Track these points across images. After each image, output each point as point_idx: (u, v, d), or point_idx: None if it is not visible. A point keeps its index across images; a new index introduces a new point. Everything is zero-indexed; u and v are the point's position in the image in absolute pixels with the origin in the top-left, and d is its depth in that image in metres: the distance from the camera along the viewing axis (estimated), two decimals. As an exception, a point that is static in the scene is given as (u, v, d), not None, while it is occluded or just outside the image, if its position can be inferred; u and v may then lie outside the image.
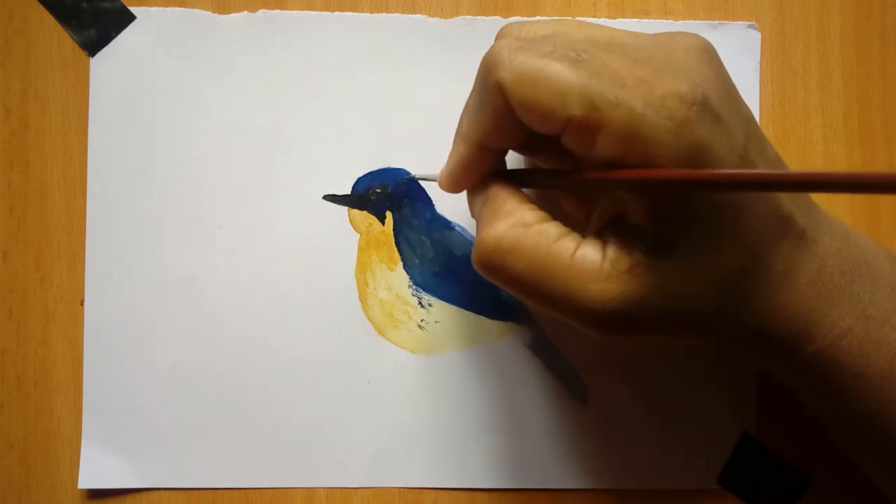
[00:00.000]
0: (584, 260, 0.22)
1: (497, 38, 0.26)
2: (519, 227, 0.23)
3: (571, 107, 0.21)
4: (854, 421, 0.25)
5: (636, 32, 0.24)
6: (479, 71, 0.23)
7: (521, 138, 0.24)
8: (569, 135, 0.22)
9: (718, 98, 0.21)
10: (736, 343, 0.25)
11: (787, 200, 0.23)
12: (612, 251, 0.23)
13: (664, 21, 0.33)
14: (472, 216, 0.26)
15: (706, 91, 0.21)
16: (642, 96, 0.21)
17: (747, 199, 0.22)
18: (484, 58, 0.23)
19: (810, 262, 0.24)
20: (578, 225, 0.25)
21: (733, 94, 0.23)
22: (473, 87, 0.25)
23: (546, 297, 0.23)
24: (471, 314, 0.32)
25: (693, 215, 0.22)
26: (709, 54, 0.23)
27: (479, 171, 0.25)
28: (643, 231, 0.22)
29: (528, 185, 0.25)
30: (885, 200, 0.33)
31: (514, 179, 0.25)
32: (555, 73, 0.21)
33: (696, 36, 0.23)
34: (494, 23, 0.32)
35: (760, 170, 0.20)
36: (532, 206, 0.24)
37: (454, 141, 0.26)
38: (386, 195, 0.32)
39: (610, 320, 0.22)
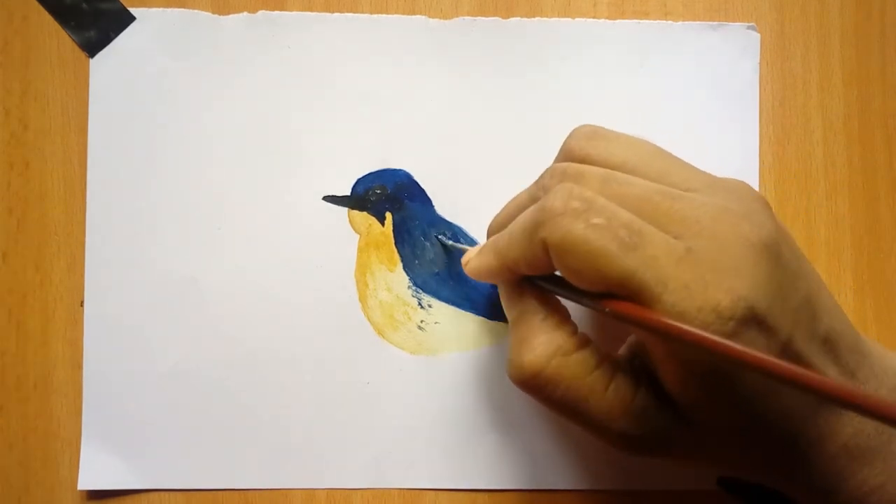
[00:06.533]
0: (616, 395, 0.23)
1: (562, 153, 0.25)
2: (559, 356, 0.24)
3: (611, 287, 0.21)
4: None
5: (708, 183, 0.23)
6: (533, 212, 0.23)
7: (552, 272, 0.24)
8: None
9: (768, 303, 0.21)
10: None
11: (831, 370, 0.23)
12: (642, 396, 0.23)
13: (664, 22, 0.32)
14: (505, 311, 0.26)
15: (752, 301, 0.21)
16: (681, 301, 0.21)
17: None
18: (540, 207, 0.22)
19: (846, 427, 0.23)
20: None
21: (786, 289, 0.22)
22: (518, 203, 0.26)
23: (575, 419, 0.24)
24: (471, 315, 0.32)
25: (725, 401, 0.22)
26: (768, 249, 0.21)
27: (507, 279, 0.26)
28: (675, 396, 0.23)
29: (562, 296, 0.25)
30: (885, 200, 0.33)
31: (551, 285, 0.25)
32: (602, 255, 0.21)
33: (763, 218, 0.22)
34: (494, 23, 0.32)
35: (793, 367, 0.19)
36: (570, 327, 0.24)
37: (486, 244, 0.26)
38: (385, 196, 0.32)
39: (632, 450, 0.24)
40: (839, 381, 0.19)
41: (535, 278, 0.25)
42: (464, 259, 0.27)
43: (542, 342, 0.24)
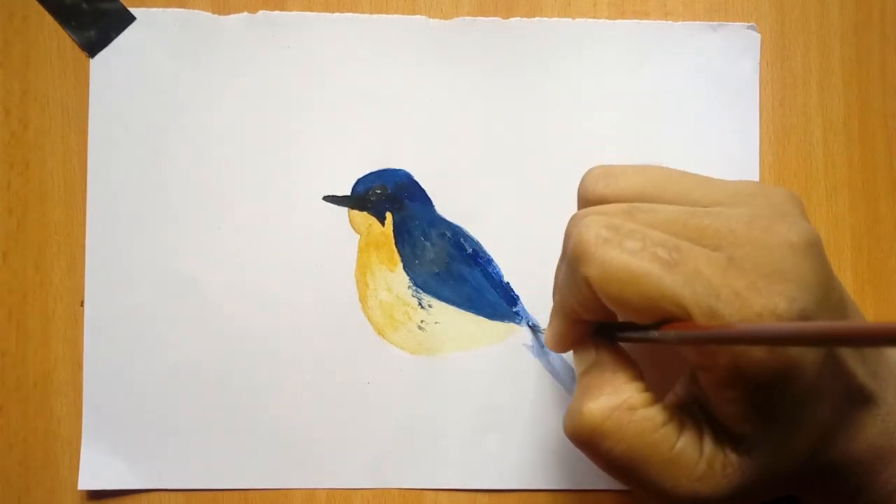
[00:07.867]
0: (683, 456, 0.22)
1: (580, 201, 0.25)
2: (624, 410, 0.22)
3: (664, 310, 0.20)
4: None
5: (731, 193, 0.22)
6: (567, 254, 0.22)
7: (613, 314, 0.23)
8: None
9: (816, 302, 0.21)
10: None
11: (860, 369, 0.23)
12: (708, 448, 0.22)
13: (664, 22, 0.32)
14: (575, 370, 0.25)
15: (804, 302, 0.20)
16: (737, 311, 0.20)
17: (827, 387, 0.22)
18: (572, 244, 0.22)
19: (872, 426, 0.23)
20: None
21: (828, 287, 0.22)
22: (561, 262, 0.24)
23: (637, 482, 0.23)
24: (471, 315, 0.32)
25: (776, 416, 0.22)
26: (811, 248, 0.21)
27: (580, 333, 0.25)
28: (729, 428, 0.22)
29: (628, 340, 0.24)
30: (885, 200, 0.33)
31: (622, 332, 0.24)
32: (645, 277, 0.20)
33: (797, 218, 0.22)
34: (494, 23, 0.32)
35: (846, 323, 0.19)
36: (639, 383, 0.23)
37: (552, 310, 0.25)
38: (386, 196, 0.32)
39: None
40: None
41: (597, 327, 0.24)
42: (544, 339, 0.27)
43: (608, 392, 0.23)
